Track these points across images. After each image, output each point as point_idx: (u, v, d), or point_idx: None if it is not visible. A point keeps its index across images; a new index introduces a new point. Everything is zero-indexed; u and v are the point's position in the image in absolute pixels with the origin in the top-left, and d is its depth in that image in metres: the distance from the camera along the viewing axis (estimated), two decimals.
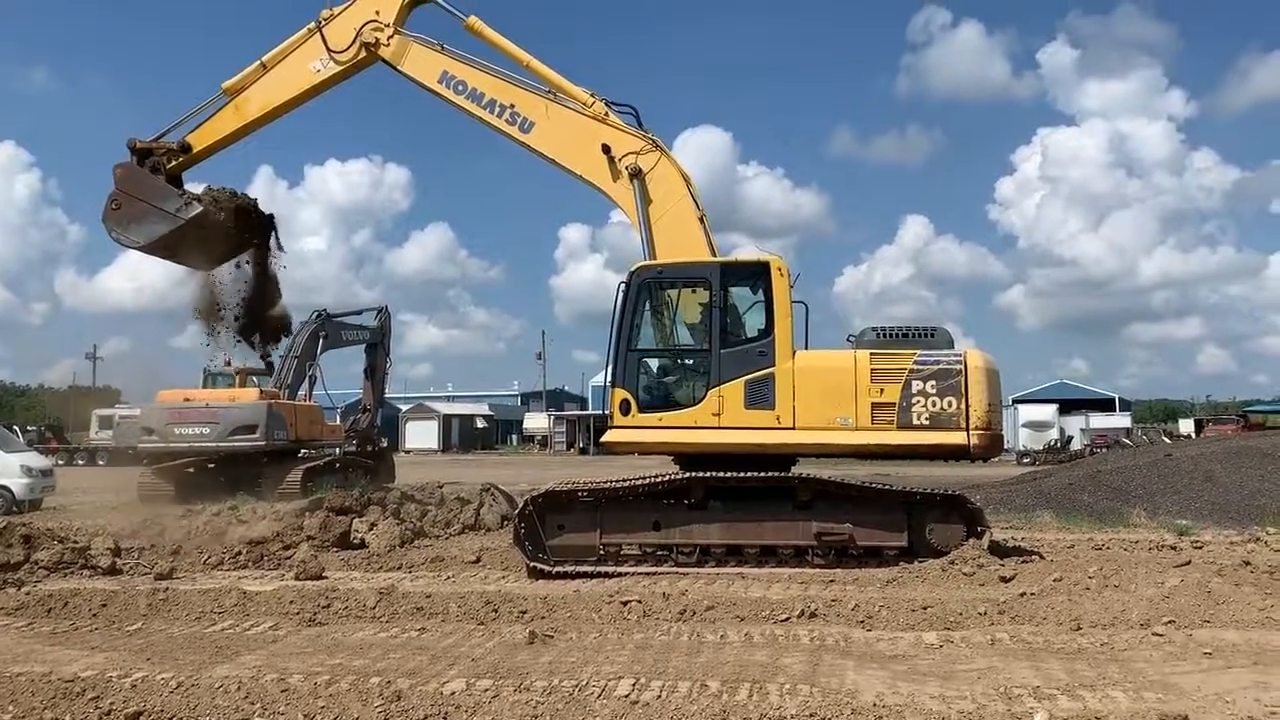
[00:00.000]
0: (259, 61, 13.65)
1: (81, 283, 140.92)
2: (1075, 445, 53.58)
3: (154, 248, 14.04)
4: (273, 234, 15.25)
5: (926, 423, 11.10)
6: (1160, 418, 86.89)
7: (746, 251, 13.45)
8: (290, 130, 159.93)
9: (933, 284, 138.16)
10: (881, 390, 11.13)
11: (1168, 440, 47.56)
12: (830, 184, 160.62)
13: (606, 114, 12.49)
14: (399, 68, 13.21)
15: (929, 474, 23.12)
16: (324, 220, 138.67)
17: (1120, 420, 64.69)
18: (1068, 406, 65.09)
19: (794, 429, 11.16)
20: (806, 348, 11.59)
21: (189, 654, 7.34)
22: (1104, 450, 42.14)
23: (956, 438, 11.10)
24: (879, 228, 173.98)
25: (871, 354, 11.30)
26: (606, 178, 12.28)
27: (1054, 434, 57.09)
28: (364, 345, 27.37)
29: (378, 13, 13.25)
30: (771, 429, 11.18)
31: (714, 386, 11.28)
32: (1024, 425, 58.35)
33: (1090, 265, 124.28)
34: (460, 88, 12.85)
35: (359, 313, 27.55)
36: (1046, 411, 61.23)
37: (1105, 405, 73.27)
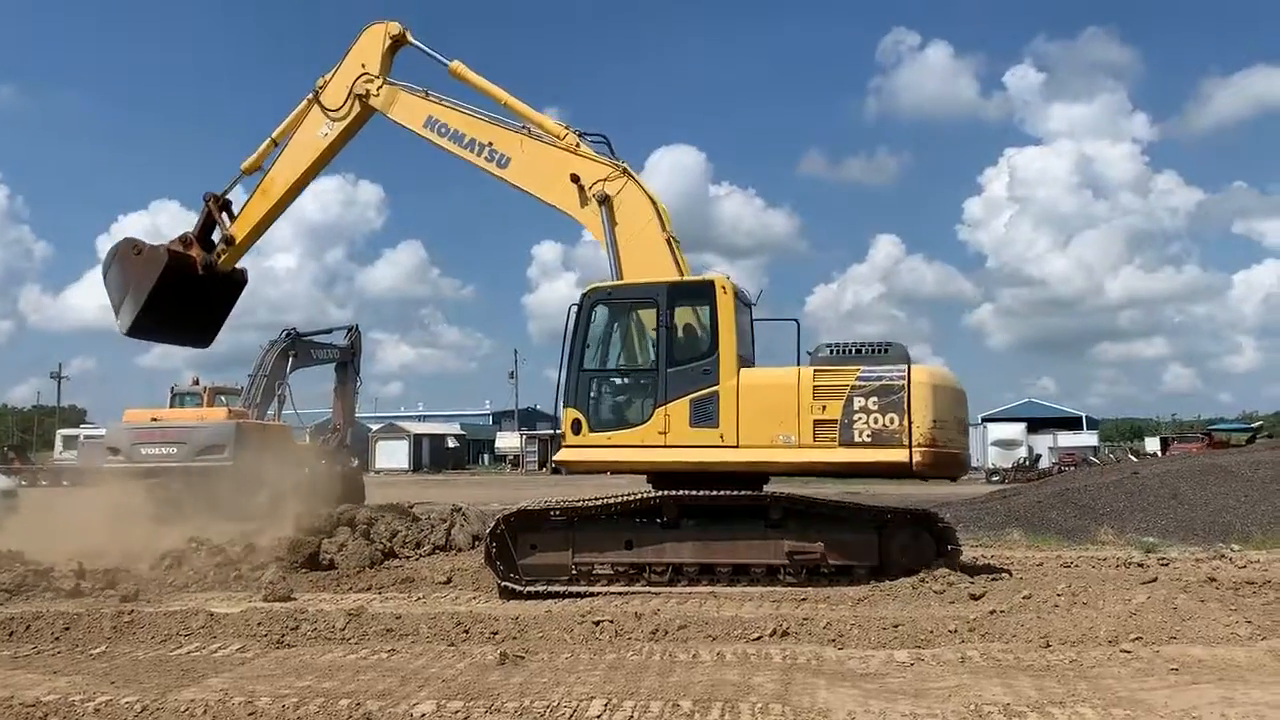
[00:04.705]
0: (269, 138, 14.86)
1: (46, 300, 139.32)
2: (1043, 463, 54.07)
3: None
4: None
5: (868, 440, 10.91)
6: (1127, 436, 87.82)
7: (715, 272, 13.54)
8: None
9: (903, 303, 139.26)
10: (824, 407, 11.00)
11: (1134, 458, 48.12)
12: (802, 204, 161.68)
13: (578, 144, 12.86)
14: (390, 115, 14.00)
15: (899, 492, 23.27)
16: (295, 237, 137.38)
17: (1087, 439, 65.41)
18: (1036, 425, 65.77)
19: (737, 447, 11.14)
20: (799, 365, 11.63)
21: (154, 677, 7.23)
22: (1072, 468, 42.54)
23: (898, 455, 10.88)
24: (850, 247, 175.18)
25: (815, 371, 11.22)
26: (575, 205, 12.62)
27: (1022, 452, 57.61)
28: (334, 364, 27.20)
29: (364, 66, 14.09)
30: (715, 447, 11.17)
31: (661, 405, 11.33)
32: (993, 444, 58.89)
33: (1058, 285, 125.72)
34: (444, 130, 13.53)
35: (329, 331, 27.39)
36: (1015, 430, 61.83)
37: (1073, 424, 74.04)
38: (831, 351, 11.52)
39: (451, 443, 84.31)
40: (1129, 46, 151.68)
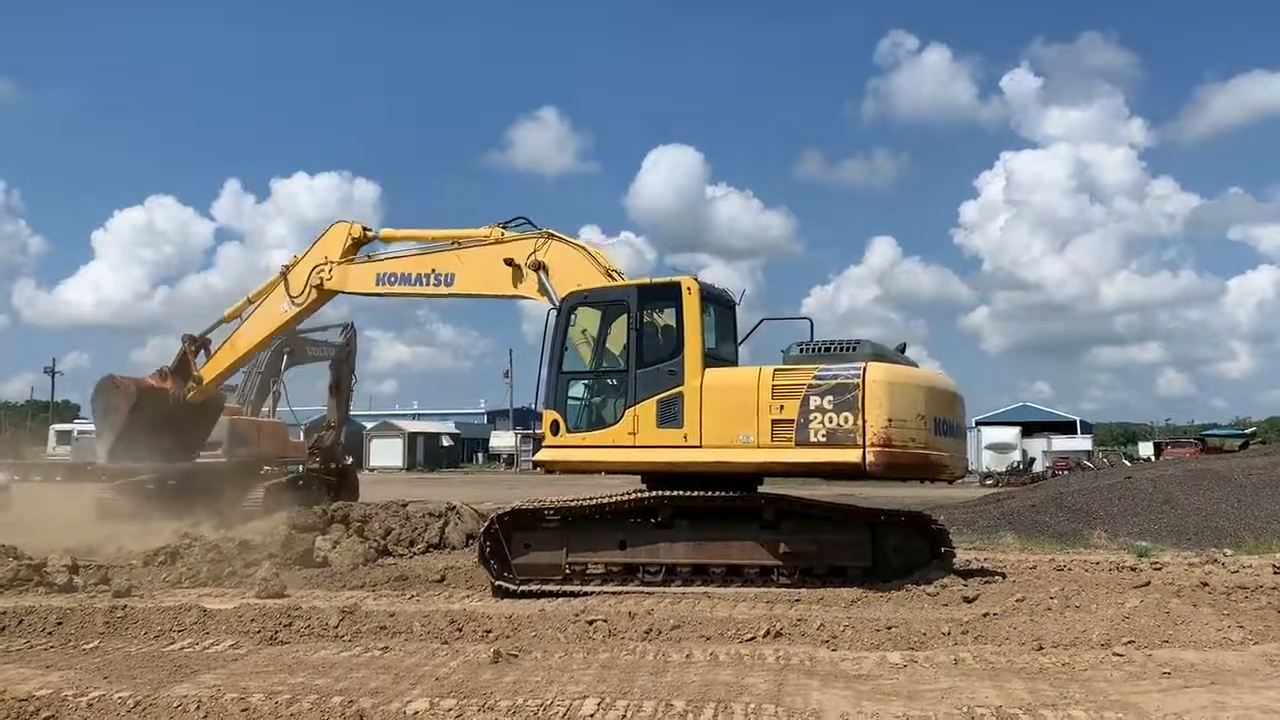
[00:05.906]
0: (246, 297, 16.49)
1: (40, 295, 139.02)
2: (1037, 467, 54.16)
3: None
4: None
5: (823, 440, 10.70)
6: (1120, 440, 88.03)
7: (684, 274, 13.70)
8: (259, 142, 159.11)
9: (899, 305, 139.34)
10: (781, 407, 10.86)
11: (1128, 463, 48.28)
12: (799, 205, 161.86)
13: (503, 234, 13.77)
14: (347, 290, 15.68)
15: (894, 494, 23.30)
16: (292, 234, 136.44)
17: (1081, 443, 65.45)
18: (1030, 429, 65.82)
19: (700, 447, 11.11)
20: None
21: (147, 672, 7.22)
22: (1065, 472, 42.62)
23: (851, 455, 10.56)
24: (847, 249, 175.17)
25: (775, 370, 11.12)
26: (517, 285, 13.47)
27: (1016, 456, 57.69)
28: (329, 361, 27.09)
29: (326, 257, 15.51)
30: (679, 447, 11.17)
31: (631, 406, 11.39)
32: (987, 447, 59.09)
33: (1053, 289, 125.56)
34: (393, 279, 15.06)
35: (324, 329, 27.26)
36: (1009, 434, 61.93)
37: (1067, 428, 74.10)
38: (801, 350, 11.46)
39: (446, 441, 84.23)
40: (1126, 51, 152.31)
